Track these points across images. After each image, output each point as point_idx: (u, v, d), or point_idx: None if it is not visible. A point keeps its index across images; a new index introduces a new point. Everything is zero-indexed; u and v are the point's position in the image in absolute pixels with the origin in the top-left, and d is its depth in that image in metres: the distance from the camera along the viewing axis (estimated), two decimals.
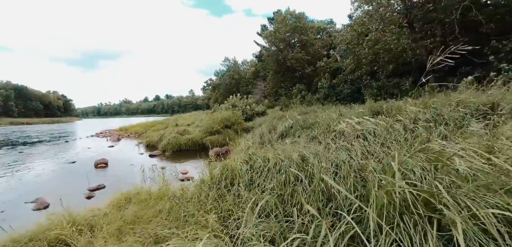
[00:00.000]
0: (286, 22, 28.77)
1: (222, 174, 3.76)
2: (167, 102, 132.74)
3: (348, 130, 4.33)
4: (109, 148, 15.34)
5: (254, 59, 47.09)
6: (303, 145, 4.02)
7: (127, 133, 23.15)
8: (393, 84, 14.10)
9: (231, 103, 20.61)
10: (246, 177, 3.34)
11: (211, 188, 3.60)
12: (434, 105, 5.00)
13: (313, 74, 27.33)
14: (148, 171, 8.15)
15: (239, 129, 14.59)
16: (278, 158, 3.32)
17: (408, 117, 4.69)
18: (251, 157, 3.83)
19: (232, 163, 3.92)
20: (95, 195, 6.29)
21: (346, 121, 4.64)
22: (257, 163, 3.52)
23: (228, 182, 3.50)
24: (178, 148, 12.75)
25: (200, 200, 3.44)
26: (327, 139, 4.57)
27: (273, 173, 3.13)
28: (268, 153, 3.71)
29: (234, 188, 3.29)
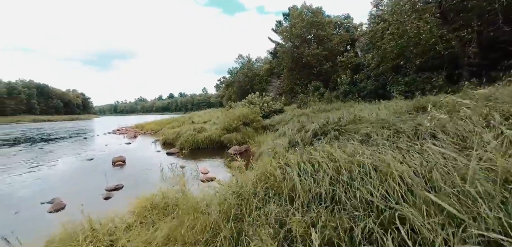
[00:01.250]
0: (302, 17, 27.87)
1: (258, 181, 3.14)
2: (180, 100, 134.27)
3: (425, 127, 3.61)
4: (126, 145, 15.18)
5: (268, 56, 46.39)
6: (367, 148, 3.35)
7: (143, 130, 23.13)
8: (422, 79, 13.04)
9: (248, 100, 20.08)
10: (301, 186, 2.66)
11: (248, 199, 2.98)
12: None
13: (331, 70, 26.33)
14: (167, 170, 7.76)
15: (258, 126, 14.04)
16: (341, 163, 2.65)
17: (477, 114, 3.91)
18: (293, 160, 3.19)
19: (268, 168, 3.30)
20: (113, 196, 5.90)
21: (430, 115, 3.91)
22: (305, 168, 2.87)
23: (272, 192, 2.85)
24: (196, 146, 12.34)
25: (241, 215, 2.82)
26: (382, 139, 3.89)
27: (340, 183, 2.46)
28: (315, 156, 3.07)
29: (282, 199, 2.65)
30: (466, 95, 5.53)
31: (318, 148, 3.54)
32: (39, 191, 6.63)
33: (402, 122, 4.72)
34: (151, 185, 6.74)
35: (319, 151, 3.21)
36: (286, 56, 30.41)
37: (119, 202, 5.56)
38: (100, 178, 7.30)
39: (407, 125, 4.44)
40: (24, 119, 62.12)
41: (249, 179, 3.29)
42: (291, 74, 30.41)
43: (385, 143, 3.73)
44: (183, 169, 7.84)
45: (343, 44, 27.94)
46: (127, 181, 7.11)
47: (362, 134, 4.56)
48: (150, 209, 3.67)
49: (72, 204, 5.51)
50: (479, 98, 4.95)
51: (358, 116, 5.92)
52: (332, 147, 3.42)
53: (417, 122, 4.45)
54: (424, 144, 3.24)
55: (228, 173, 7.75)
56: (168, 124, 23.42)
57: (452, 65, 13.20)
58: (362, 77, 17.73)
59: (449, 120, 3.98)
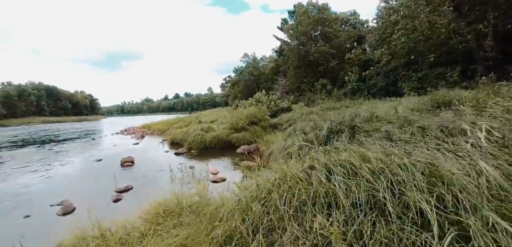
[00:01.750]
0: (308, 14, 27.52)
1: (280, 184, 2.89)
2: (186, 100, 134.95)
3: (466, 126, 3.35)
4: (134, 145, 15.17)
5: (273, 54, 46.07)
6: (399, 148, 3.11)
7: (150, 130, 23.17)
8: (435, 75, 12.64)
9: (256, 98, 19.90)
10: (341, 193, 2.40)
11: (277, 207, 2.73)
12: None
13: (338, 68, 25.93)
14: (176, 170, 7.63)
15: (266, 126, 13.83)
16: (376, 164, 2.40)
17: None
18: (319, 162, 2.94)
19: (291, 169, 3.06)
20: (123, 198, 5.78)
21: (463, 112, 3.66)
22: (336, 170, 2.62)
23: (297, 198, 2.57)
24: (204, 145, 12.21)
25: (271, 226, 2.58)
26: (406, 138, 3.65)
27: (380, 188, 2.20)
28: (345, 157, 2.84)
29: (315, 207, 2.41)
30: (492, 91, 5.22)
31: (346, 148, 3.31)
32: (49, 193, 6.57)
33: (426, 119, 4.46)
34: (161, 186, 6.63)
35: (348, 151, 2.97)
36: (292, 54, 30.10)
37: (129, 204, 5.44)
38: (109, 179, 7.21)
39: (429, 121, 4.19)
40: (34, 121, 63.21)
41: (270, 182, 3.04)
42: (297, 72, 30.08)
43: (410, 142, 3.51)
44: (192, 170, 7.70)
45: (350, 41, 27.51)
46: (137, 181, 7.00)
47: (382, 132, 4.31)
48: (164, 215, 3.49)
49: (81, 206, 5.41)
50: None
51: (375, 114, 5.65)
52: (362, 147, 3.18)
53: (444, 119, 4.19)
54: (455, 142, 3.00)
55: (239, 174, 7.60)
56: (175, 124, 23.39)
57: (466, 59, 12.75)
58: (372, 73, 17.32)
59: (480, 118, 3.73)
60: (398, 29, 14.79)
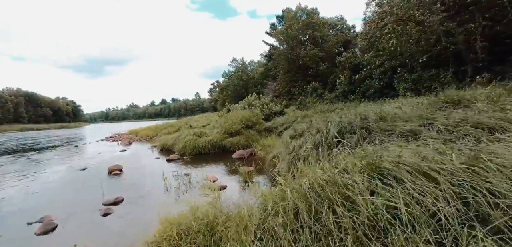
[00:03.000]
0: (297, 18, 27.63)
1: (313, 193, 2.43)
2: (173, 105, 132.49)
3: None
4: (121, 152, 14.33)
5: (261, 59, 46.06)
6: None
7: (138, 136, 22.23)
8: (428, 76, 12.72)
9: (247, 102, 19.50)
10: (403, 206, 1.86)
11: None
12: None
13: (328, 71, 26.06)
14: (171, 178, 7.07)
15: (261, 129, 13.45)
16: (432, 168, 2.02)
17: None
18: (353, 166, 2.52)
19: (322, 175, 2.58)
20: (113, 211, 5.16)
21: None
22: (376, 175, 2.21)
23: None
24: (197, 151, 11.64)
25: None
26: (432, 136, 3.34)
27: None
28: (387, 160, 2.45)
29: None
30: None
31: (376, 149, 2.93)
32: (26, 208, 5.84)
33: (444, 117, 4.20)
34: (155, 197, 6.05)
35: (387, 151, 2.60)
36: (281, 58, 30.05)
37: (122, 219, 4.87)
38: (96, 190, 6.55)
39: (451, 119, 3.93)
40: (11, 129, 59.77)
41: (302, 189, 2.56)
42: (288, 76, 30.06)
43: (440, 139, 3.20)
44: (188, 177, 7.15)
45: (339, 44, 27.75)
46: (127, 192, 6.38)
47: (402, 132, 4.00)
48: (182, 237, 2.84)
49: (65, 222, 4.77)
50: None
51: (386, 114, 5.37)
52: (400, 146, 2.81)
53: (461, 116, 3.94)
54: (499, 139, 2.70)
55: (239, 180, 7.13)
56: (164, 130, 22.58)
57: (456, 61, 12.92)
58: (363, 76, 17.36)
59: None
60: (386, 33, 14.91)
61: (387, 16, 13.13)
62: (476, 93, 5.45)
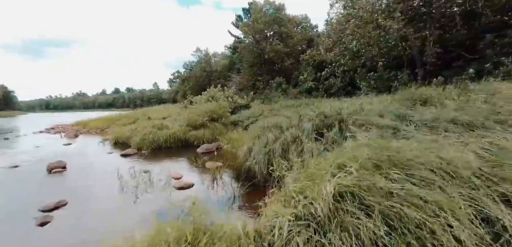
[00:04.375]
0: (264, 12, 27.52)
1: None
2: (128, 95, 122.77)
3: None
4: (65, 146, 12.51)
5: (226, 51, 45.12)
6: None
7: (86, 128, 19.84)
8: (387, 77, 13.59)
9: (210, 94, 18.71)
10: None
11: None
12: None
13: (292, 67, 26.55)
14: (127, 176, 6.22)
15: (227, 123, 12.95)
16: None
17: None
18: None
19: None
20: (53, 218, 4.23)
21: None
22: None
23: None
24: (157, 145, 10.67)
25: None
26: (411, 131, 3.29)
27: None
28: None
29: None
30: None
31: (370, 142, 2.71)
32: None
33: (418, 113, 4.27)
34: (108, 198, 5.20)
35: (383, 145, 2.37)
36: (246, 51, 29.73)
37: (65, 229, 4.00)
38: (32, 192, 5.43)
39: (426, 116, 3.99)
40: None
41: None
42: (252, 70, 29.91)
43: (418, 134, 3.16)
44: (147, 175, 6.36)
45: (303, 42, 28.40)
46: (72, 194, 5.38)
47: (380, 127, 3.94)
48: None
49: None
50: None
51: (359, 109, 5.37)
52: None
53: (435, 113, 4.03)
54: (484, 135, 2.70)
55: (207, 177, 6.57)
56: (118, 121, 20.56)
57: (410, 64, 14.05)
58: (328, 74, 17.97)
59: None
60: (348, 34, 15.59)
61: (353, 19, 13.59)
62: (440, 93, 5.77)
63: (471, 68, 10.51)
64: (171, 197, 5.09)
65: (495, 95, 4.52)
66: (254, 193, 5.14)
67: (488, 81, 6.95)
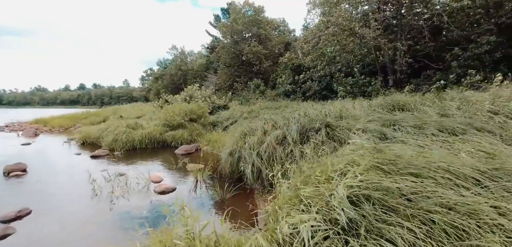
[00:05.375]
0: (243, 13, 27.45)
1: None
2: (95, 92, 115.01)
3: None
4: (23, 146, 11.29)
5: (202, 50, 44.31)
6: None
7: (48, 126, 18.15)
8: (362, 83, 14.19)
9: (188, 93, 18.15)
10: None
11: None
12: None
13: (270, 69, 26.77)
14: (100, 179, 5.72)
15: (206, 123, 12.62)
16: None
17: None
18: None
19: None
20: (15, 231, 3.71)
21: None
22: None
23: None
24: (131, 146, 10.04)
25: None
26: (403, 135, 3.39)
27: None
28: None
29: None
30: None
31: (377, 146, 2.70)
32: None
33: (403, 119, 4.42)
34: (79, 205, 4.72)
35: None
36: (224, 51, 29.43)
37: (29, 241, 3.53)
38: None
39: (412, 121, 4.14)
40: None
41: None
42: (230, 71, 29.68)
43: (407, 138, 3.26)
44: (123, 178, 5.91)
45: (282, 45, 28.78)
46: (37, 201, 4.80)
47: (368, 131, 4.02)
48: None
49: None
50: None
51: (344, 113, 5.47)
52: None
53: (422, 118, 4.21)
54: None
55: (188, 180, 6.27)
56: (85, 119, 19.15)
57: (382, 72, 14.83)
58: (305, 78, 18.34)
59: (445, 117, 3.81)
60: (324, 39, 16.08)
61: (332, 26, 14.00)
62: (417, 100, 6.09)
63: (438, 78, 11.36)
64: (151, 202, 4.76)
65: (468, 103, 4.86)
66: (241, 196, 5.00)
67: (460, 91, 7.50)
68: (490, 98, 4.59)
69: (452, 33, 12.24)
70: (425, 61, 13.11)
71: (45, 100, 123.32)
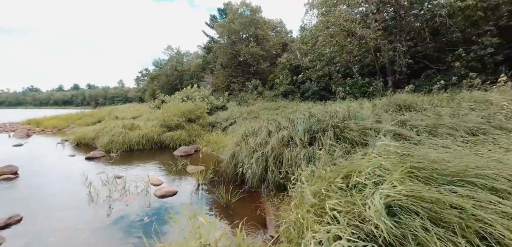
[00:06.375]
0: (240, 14, 27.27)
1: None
2: (89, 92, 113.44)
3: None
4: (15, 147, 10.90)
5: (199, 51, 43.99)
6: None
7: (41, 127, 17.66)
8: (361, 83, 14.08)
9: (186, 93, 17.87)
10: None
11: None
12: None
13: (267, 70, 26.58)
14: (97, 183, 5.44)
15: (205, 124, 12.36)
16: None
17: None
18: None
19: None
20: (6, 239, 3.42)
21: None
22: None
23: None
24: (128, 147, 9.74)
25: None
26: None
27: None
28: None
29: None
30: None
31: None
32: None
33: (414, 119, 4.26)
34: (75, 211, 4.44)
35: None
36: (222, 51, 29.20)
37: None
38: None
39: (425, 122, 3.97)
40: None
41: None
42: (227, 71, 29.42)
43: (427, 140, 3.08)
44: (121, 181, 5.63)
45: (279, 45, 28.66)
46: (28, 207, 4.51)
47: (379, 132, 3.84)
48: None
49: None
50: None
51: (352, 113, 5.28)
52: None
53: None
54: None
55: (190, 183, 6.01)
56: (79, 120, 18.70)
57: (381, 73, 14.76)
58: (304, 78, 18.22)
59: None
60: (321, 41, 15.97)
61: (332, 26, 13.88)
62: (423, 100, 5.95)
63: (439, 79, 11.30)
64: (152, 207, 4.51)
65: (482, 102, 4.72)
66: (246, 200, 4.78)
67: (460, 91, 7.40)
68: (508, 98, 4.45)
69: (452, 34, 12.21)
70: (425, 62, 13.08)
71: (38, 101, 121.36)
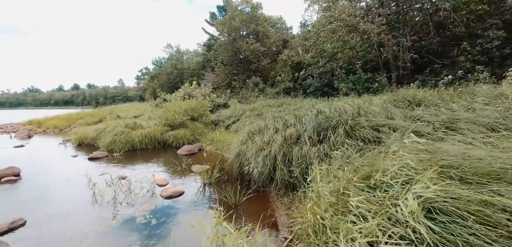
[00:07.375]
0: (240, 10, 27.02)
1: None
2: (89, 92, 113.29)
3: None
4: (17, 149, 10.79)
5: (198, 48, 43.77)
6: None
7: (42, 128, 17.57)
8: (365, 79, 13.91)
9: (186, 91, 17.72)
10: None
11: None
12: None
13: (268, 67, 26.39)
14: (100, 183, 5.32)
15: (208, 122, 12.24)
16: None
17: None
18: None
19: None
20: (9, 244, 3.32)
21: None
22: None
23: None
24: (131, 146, 9.62)
25: None
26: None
27: None
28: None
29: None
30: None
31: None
32: None
33: (429, 115, 4.12)
34: (78, 214, 4.32)
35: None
36: (222, 49, 28.99)
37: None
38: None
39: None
40: None
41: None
42: (227, 69, 29.23)
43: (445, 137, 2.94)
44: (126, 181, 5.52)
45: (280, 42, 28.45)
46: (32, 210, 4.40)
47: (394, 129, 3.71)
48: None
49: None
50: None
51: (361, 110, 5.14)
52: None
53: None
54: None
55: (196, 183, 5.89)
56: (80, 120, 18.57)
57: (385, 68, 14.57)
58: (305, 75, 18.04)
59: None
60: (322, 36, 15.78)
61: (335, 21, 13.70)
62: (433, 95, 5.80)
63: (446, 74, 11.13)
64: (158, 208, 4.40)
65: (495, 97, 4.58)
66: (254, 199, 4.66)
67: (477, 85, 7.25)
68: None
69: (456, 28, 12.01)
70: (430, 57, 12.89)
71: (39, 101, 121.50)
